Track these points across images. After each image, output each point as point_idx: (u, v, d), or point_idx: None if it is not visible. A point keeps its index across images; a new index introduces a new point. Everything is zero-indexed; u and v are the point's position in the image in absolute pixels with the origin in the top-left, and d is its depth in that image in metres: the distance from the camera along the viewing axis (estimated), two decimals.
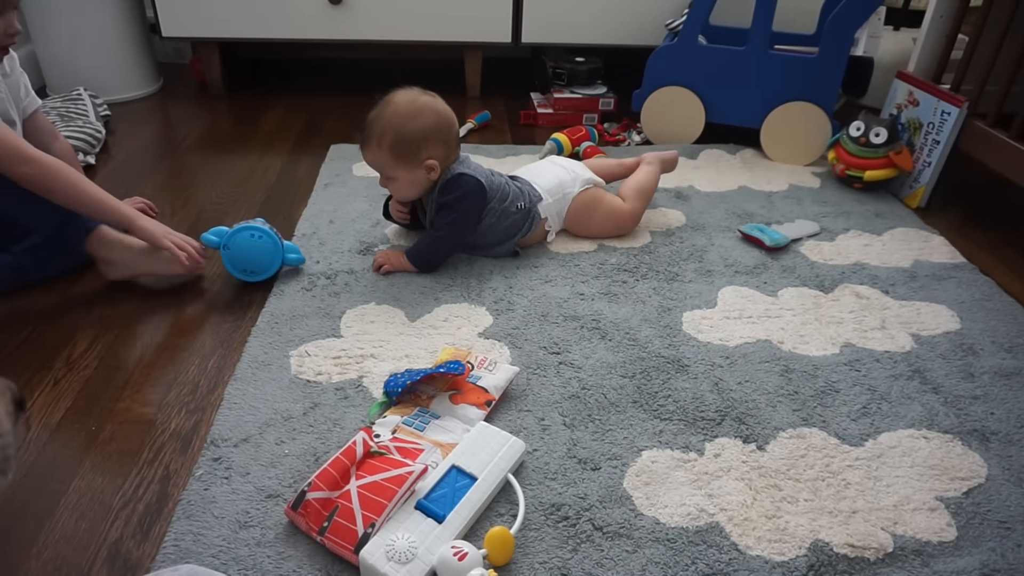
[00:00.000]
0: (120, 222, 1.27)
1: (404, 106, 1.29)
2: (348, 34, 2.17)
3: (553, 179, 1.44)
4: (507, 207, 1.35)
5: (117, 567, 0.82)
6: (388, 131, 1.27)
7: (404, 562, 0.78)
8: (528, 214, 1.39)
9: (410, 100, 1.29)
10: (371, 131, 1.29)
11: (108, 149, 1.90)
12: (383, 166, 1.31)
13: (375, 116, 1.29)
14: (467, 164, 1.35)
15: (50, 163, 1.21)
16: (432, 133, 1.29)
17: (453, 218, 1.32)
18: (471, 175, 1.31)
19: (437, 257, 1.35)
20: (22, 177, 1.19)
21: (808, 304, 1.29)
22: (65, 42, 2.10)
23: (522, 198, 1.38)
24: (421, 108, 1.29)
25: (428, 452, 0.92)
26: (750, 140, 1.89)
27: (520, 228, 1.38)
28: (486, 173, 1.36)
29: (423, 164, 1.29)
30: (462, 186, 1.31)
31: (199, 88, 2.37)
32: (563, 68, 2.09)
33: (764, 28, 1.75)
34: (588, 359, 1.14)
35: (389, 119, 1.28)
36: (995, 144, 1.54)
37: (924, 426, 1.02)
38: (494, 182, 1.35)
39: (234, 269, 1.30)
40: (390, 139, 1.27)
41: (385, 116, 1.28)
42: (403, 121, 1.27)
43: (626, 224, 1.48)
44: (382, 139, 1.28)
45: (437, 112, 1.30)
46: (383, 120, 1.28)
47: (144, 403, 1.06)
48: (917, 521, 0.88)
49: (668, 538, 0.85)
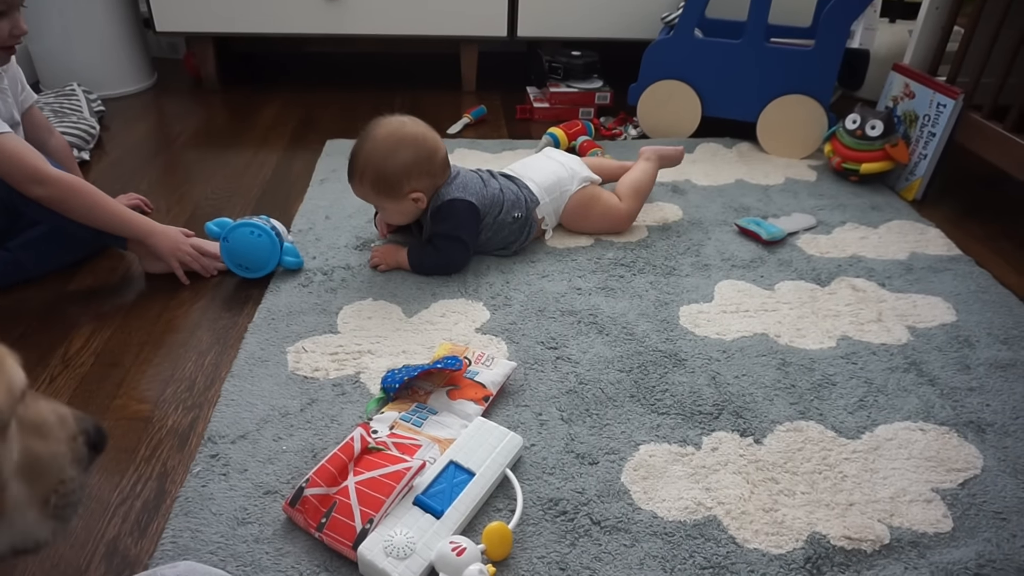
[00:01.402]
0: (137, 235, 1.27)
1: (382, 141, 1.26)
2: (343, 28, 2.16)
3: (550, 176, 1.43)
4: (503, 219, 1.34)
5: (115, 564, 0.82)
6: (368, 168, 1.26)
7: (402, 557, 0.78)
8: (525, 222, 1.38)
9: (388, 134, 1.26)
10: (354, 166, 1.27)
11: (102, 145, 1.89)
12: (369, 199, 1.31)
13: (357, 150, 1.27)
14: (459, 184, 1.31)
15: (67, 184, 1.20)
16: (413, 167, 1.26)
17: (450, 244, 1.31)
18: (461, 199, 1.29)
19: (436, 271, 1.34)
20: (38, 198, 1.19)
21: (805, 297, 1.29)
22: (59, 37, 2.09)
23: (518, 207, 1.36)
24: (399, 142, 1.26)
25: (426, 448, 0.92)
26: (746, 134, 1.89)
27: (518, 237, 1.38)
28: (478, 187, 1.33)
29: (408, 197, 1.28)
30: (454, 214, 1.29)
31: (193, 83, 2.36)
32: (559, 62, 2.09)
33: (760, 21, 1.75)
34: (585, 354, 1.14)
35: (368, 156, 1.26)
36: (991, 136, 1.54)
37: (920, 418, 1.03)
38: (487, 195, 1.33)
39: (231, 263, 1.30)
40: (371, 177, 1.26)
41: (365, 153, 1.26)
42: (382, 159, 1.25)
43: (622, 223, 1.47)
44: (363, 176, 1.27)
45: (417, 145, 1.26)
46: (363, 157, 1.26)
47: (141, 400, 1.06)
48: (913, 513, 0.88)
49: (666, 532, 0.85)
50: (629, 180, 1.51)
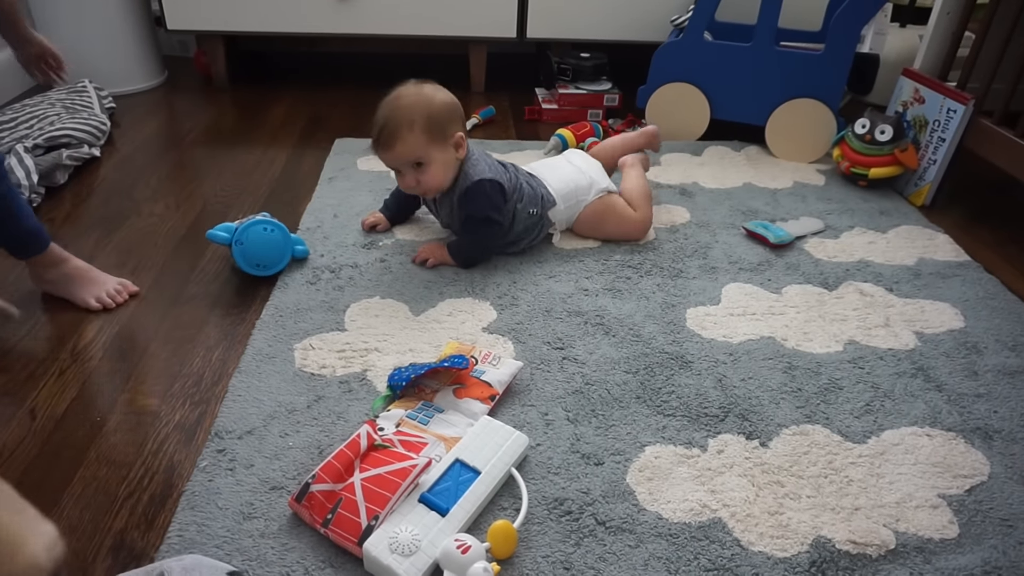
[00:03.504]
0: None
1: (417, 92, 1.28)
2: (353, 28, 2.17)
3: (569, 183, 1.43)
4: (520, 210, 1.35)
5: (122, 557, 0.83)
6: (417, 115, 1.25)
7: (408, 554, 0.78)
8: (540, 220, 1.38)
9: (418, 88, 1.29)
10: (396, 123, 1.25)
11: (113, 141, 1.90)
12: (417, 153, 1.27)
13: (393, 109, 1.27)
14: (481, 164, 1.33)
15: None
16: (453, 110, 1.30)
17: (484, 225, 1.32)
18: (487, 179, 1.30)
19: (479, 255, 1.35)
20: None
21: (812, 301, 1.29)
22: (71, 34, 2.10)
23: (535, 203, 1.37)
24: (434, 90, 1.29)
25: (432, 446, 0.92)
26: (755, 137, 1.89)
27: (531, 233, 1.38)
28: (499, 169, 1.35)
29: (453, 140, 1.29)
30: (482, 193, 1.30)
31: (203, 81, 2.37)
32: (568, 64, 2.09)
33: (770, 25, 1.74)
34: (592, 355, 1.14)
35: (412, 105, 1.26)
36: (1001, 142, 1.53)
37: (927, 424, 1.02)
38: (510, 180, 1.35)
39: (246, 264, 1.29)
40: (422, 121, 1.25)
41: (406, 105, 1.26)
42: (428, 102, 1.27)
43: (638, 231, 1.46)
44: (412, 125, 1.25)
45: (446, 93, 1.31)
46: (405, 109, 1.26)
47: (148, 394, 1.06)
48: (919, 518, 0.88)
49: (671, 533, 0.85)
50: (634, 188, 1.49)
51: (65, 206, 1.58)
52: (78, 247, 1.42)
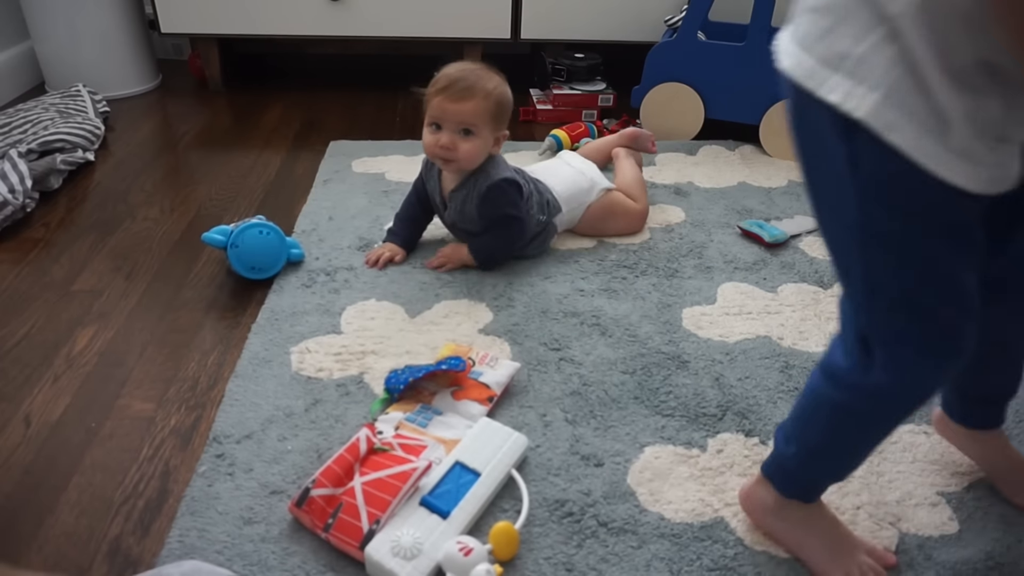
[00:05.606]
0: None
1: (497, 75, 1.29)
2: (347, 31, 2.17)
3: (571, 187, 1.43)
4: (532, 215, 1.35)
5: (117, 563, 0.82)
6: (494, 90, 1.26)
7: (410, 558, 0.78)
8: (546, 226, 1.38)
9: (497, 72, 1.30)
10: (475, 83, 1.24)
11: (107, 145, 1.89)
12: (477, 121, 1.25)
13: (475, 73, 1.26)
14: (502, 165, 1.33)
15: None
16: (511, 109, 1.31)
17: (507, 223, 1.31)
18: (505, 178, 1.30)
19: (500, 254, 1.34)
20: None
21: (807, 300, 1.29)
22: (64, 38, 2.09)
23: (543, 210, 1.37)
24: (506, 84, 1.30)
25: (431, 448, 0.92)
26: (749, 136, 1.89)
27: (536, 237, 1.38)
28: (514, 171, 1.35)
29: (500, 133, 1.30)
30: (503, 192, 1.29)
31: (198, 85, 2.36)
32: (562, 64, 2.09)
33: (763, 24, 1.75)
34: (589, 355, 1.13)
35: (494, 81, 1.27)
36: None
37: (924, 421, 1.03)
38: (524, 183, 1.34)
39: (242, 267, 1.28)
40: (495, 97, 1.26)
41: (487, 77, 1.26)
42: (504, 88, 1.28)
43: (640, 222, 1.48)
44: (488, 95, 1.25)
45: None
46: (487, 79, 1.26)
47: (144, 399, 1.06)
48: (920, 516, 0.88)
49: (673, 533, 0.85)
50: (630, 179, 1.52)
51: (59, 211, 1.57)
52: (73, 252, 1.42)
